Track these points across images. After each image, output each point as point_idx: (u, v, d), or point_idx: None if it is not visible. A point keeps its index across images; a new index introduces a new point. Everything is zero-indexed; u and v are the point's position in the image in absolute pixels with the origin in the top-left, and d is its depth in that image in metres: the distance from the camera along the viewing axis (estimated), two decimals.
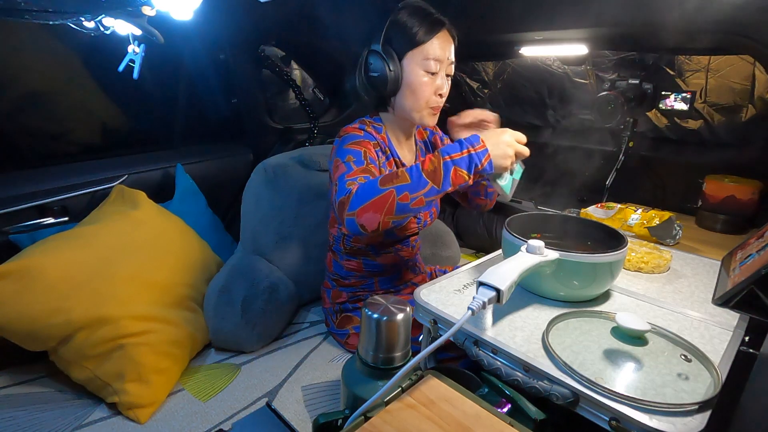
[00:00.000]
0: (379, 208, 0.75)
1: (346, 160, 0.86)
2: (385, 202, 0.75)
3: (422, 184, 0.75)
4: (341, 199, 0.79)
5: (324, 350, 1.11)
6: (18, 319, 0.88)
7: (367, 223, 0.75)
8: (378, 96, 0.97)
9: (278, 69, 1.78)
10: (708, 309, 0.75)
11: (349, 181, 0.81)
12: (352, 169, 0.84)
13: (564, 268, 0.69)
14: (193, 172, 1.53)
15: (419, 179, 0.75)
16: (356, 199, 0.76)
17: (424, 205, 0.77)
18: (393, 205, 0.75)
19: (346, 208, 0.77)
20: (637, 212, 1.13)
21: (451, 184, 0.76)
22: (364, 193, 0.76)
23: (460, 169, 0.76)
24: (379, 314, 0.56)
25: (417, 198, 0.75)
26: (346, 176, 0.83)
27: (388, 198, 0.74)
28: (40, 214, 1.20)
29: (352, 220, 0.76)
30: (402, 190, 0.75)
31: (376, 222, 0.75)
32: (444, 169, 0.75)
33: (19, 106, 1.30)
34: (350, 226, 0.77)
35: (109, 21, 1.00)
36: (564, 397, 0.53)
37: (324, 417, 0.54)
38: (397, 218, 0.77)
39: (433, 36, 0.89)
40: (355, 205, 0.76)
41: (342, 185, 0.81)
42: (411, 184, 0.75)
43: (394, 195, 0.74)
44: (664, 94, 1.37)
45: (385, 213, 0.75)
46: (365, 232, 0.77)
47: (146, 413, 0.90)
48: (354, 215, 0.76)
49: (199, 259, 1.22)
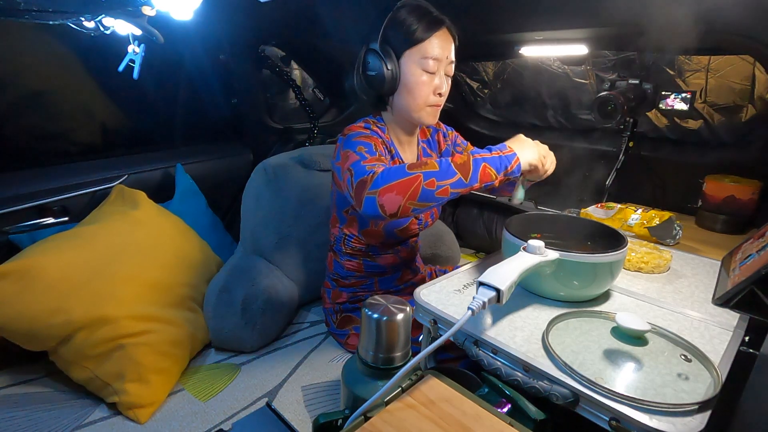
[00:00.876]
0: (404, 191, 0.74)
1: (358, 150, 0.85)
2: (410, 185, 0.74)
3: (450, 174, 0.75)
4: (362, 179, 0.78)
5: (324, 350, 1.11)
6: (18, 319, 0.88)
7: (387, 204, 0.74)
8: (376, 95, 0.97)
9: (278, 69, 1.78)
10: (708, 309, 0.75)
11: (370, 165, 0.80)
12: (365, 157, 0.83)
13: (564, 268, 0.69)
14: (193, 172, 1.53)
15: (448, 168, 0.75)
16: (381, 179, 0.75)
17: (448, 196, 0.76)
18: (418, 190, 0.74)
19: (367, 187, 0.76)
20: (637, 212, 1.13)
21: (478, 180, 0.76)
22: (390, 174, 0.75)
23: (490, 167, 0.76)
24: (379, 314, 0.56)
25: (443, 186, 0.75)
26: (362, 162, 0.82)
27: (414, 182, 0.74)
28: (40, 214, 1.20)
29: (373, 199, 0.75)
30: (429, 176, 0.74)
31: (397, 204, 0.74)
32: (474, 164, 0.76)
33: (19, 106, 1.30)
34: (369, 205, 0.76)
35: (109, 21, 1.00)
36: (564, 397, 0.53)
37: (324, 417, 0.54)
38: (419, 205, 0.76)
39: (431, 34, 0.89)
40: (378, 183, 0.75)
41: (361, 168, 0.80)
42: (439, 172, 0.75)
43: (420, 179, 0.74)
44: (664, 94, 1.37)
45: (409, 197, 0.74)
46: (383, 214, 0.75)
47: (146, 413, 0.90)
48: (376, 194, 0.75)
49: (199, 259, 1.22)
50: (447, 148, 1.12)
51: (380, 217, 0.76)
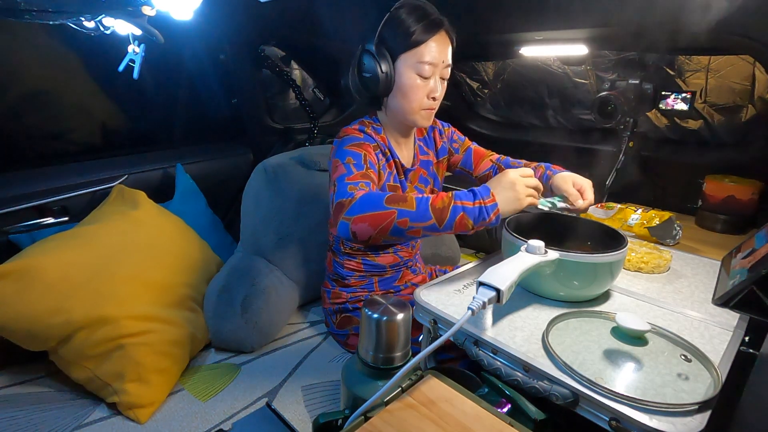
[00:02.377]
0: (376, 224, 0.74)
1: (346, 162, 0.86)
2: (383, 219, 0.74)
3: (426, 217, 0.74)
4: (341, 201, 0.78)
5: (324, 350, 1.11)
6: (18, 319, 0.88)
7: (359, 232, 0.75)
8: (370, 96, 0.96)
9: (278, 69, 1.78)
10: (708, 309, 0.75)
11: (351, 185, 0.81)
12: (352, 172, 0.84)
13: (564, 268, 0.69)
14: (193, 172, 1.53)
15: (425, 211, 0.74)
16: (357, 206, 0.76)
17: (420, 236, 0.77)
18: (389, 226, 0.74)
19: (343, 212, 0.77)
20: (637, 212, 1.13)
21: (453, 228, 0.75)
22: (367, 204, 0.76)
23: (467, 217, 0.74)
24: (379, 314, 0.56)
25: (415, 228, 0.75)
26: (347, 179, 0.82)
27: (388, 217, 0.74)
28: (40, 214, 1.20)
29: (347, 225, 0.76)
30: (403, 215, 0.74)
31: (368, 235, 0.75)
32: (452, 211, 0.74)
33: (19, 106, 1.30)
34: (342, 229, 0.77)
35: (109, 21, 1.00)
36: (564, 397, 0.53)
37: (324, 417, 0.54)
38: (389, 239, 0.76)
39: (429, 37, 0.87)
40: (354, 211, 0.75)
41: (343, 187, 0.81)
42: (415, 213, 0.74)
43: (394, 216, 0.74)
44: (664, 94, 1.37)
45: (380, 231, 0.74)
46: (354, 240, 0.76)
47: (146, 413, 0.90)
48: (350, 221, 0.75)
49: (199, 259, 1.22)
50: (443, 145, 1.12)
51: (352, 241, 0.77)
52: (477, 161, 1.11)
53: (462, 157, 1.13)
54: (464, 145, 1.13)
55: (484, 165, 1.11)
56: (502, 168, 1.08)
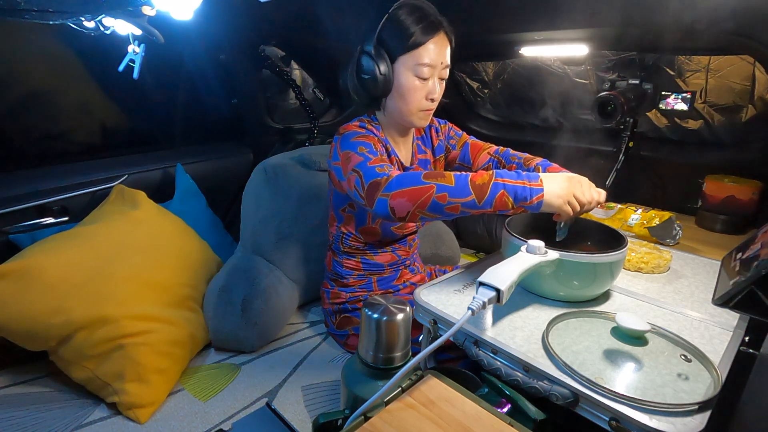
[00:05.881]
0: (415, 198, 0.74)
1: (359, 151, 0.85)
2: (422, 194, 0.74)
3: (465, 193, 0.73)
4: (375, 180, 0.78)
5: (324, 351, 1.11)
6: (18, 319, 0.88)
7: (398, 207, 0.75)
8: (369, 97, 0.96)
9: (278, 69, 1.78)
10: (708, 309, 0.75)
11: (378, 167, 0.80)
12: (370, 158, 0.83)
13: (564, 268, 0.69)
14: (193, 172, 1.53)
15: (464, 187, 0.74)
16: (395, 183, 0.76)
17: (458, 213, 0.75)
18: (428, 200, 0.74)
19: (380, 189, 0.76)
20: (637, 212, 1.13)
21: (492, 205, 0.73)
22: (405, 180, 0.76)
23: (507, 195, 0.73)
24: (379, 314, 0.56)
25: (454, 204, 0.74)
26: (369, 163, 0.81)
27: (427, 191, 0.74)
28: (40, 214, 1.20)
29: (385, 201, 0.75)
30: (442, 189, 0.74)
31: (407, 210, 0.75)
32: (492, 187, 0.73)
33: (19, 106, 1.30)
34: (380, 206, 0.76)
35: (109, 21, 1.00)
36: (564, 397, 0.53)
37: (324, 417, 0.54)
38: (428, 215, 0.75)
39: (428, 39, 0.87)
40: (392, 187, 0.75)
41: (370, 170, 0.80)
42: (454, 188, 0.74)
43: (433, 191, 0.74)
44: (664, 94, 1.37)
45: (419, 205, 0.74)
46: (392, 216, 0.76)
47: (146, 413, 0.90)
48: (388, 196, 0.75)
49: (199, 259, 1.22)
50: (440, 143, 1.12)
51: (390, 219, 0.77)
52: (475, 155, 1.10)
53: (459, 153, 1.12)
54: (461, 141, 1.12)
55: (482, 158, 1.08)
56: (501, 161, 1.05)
